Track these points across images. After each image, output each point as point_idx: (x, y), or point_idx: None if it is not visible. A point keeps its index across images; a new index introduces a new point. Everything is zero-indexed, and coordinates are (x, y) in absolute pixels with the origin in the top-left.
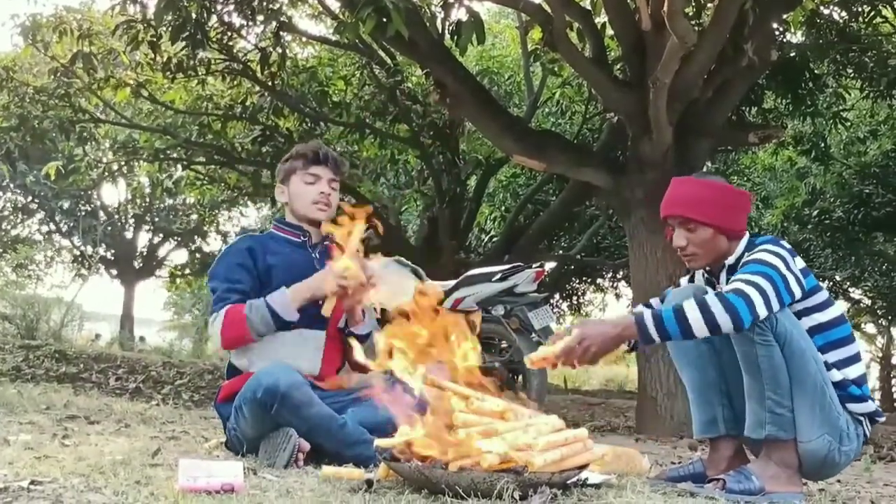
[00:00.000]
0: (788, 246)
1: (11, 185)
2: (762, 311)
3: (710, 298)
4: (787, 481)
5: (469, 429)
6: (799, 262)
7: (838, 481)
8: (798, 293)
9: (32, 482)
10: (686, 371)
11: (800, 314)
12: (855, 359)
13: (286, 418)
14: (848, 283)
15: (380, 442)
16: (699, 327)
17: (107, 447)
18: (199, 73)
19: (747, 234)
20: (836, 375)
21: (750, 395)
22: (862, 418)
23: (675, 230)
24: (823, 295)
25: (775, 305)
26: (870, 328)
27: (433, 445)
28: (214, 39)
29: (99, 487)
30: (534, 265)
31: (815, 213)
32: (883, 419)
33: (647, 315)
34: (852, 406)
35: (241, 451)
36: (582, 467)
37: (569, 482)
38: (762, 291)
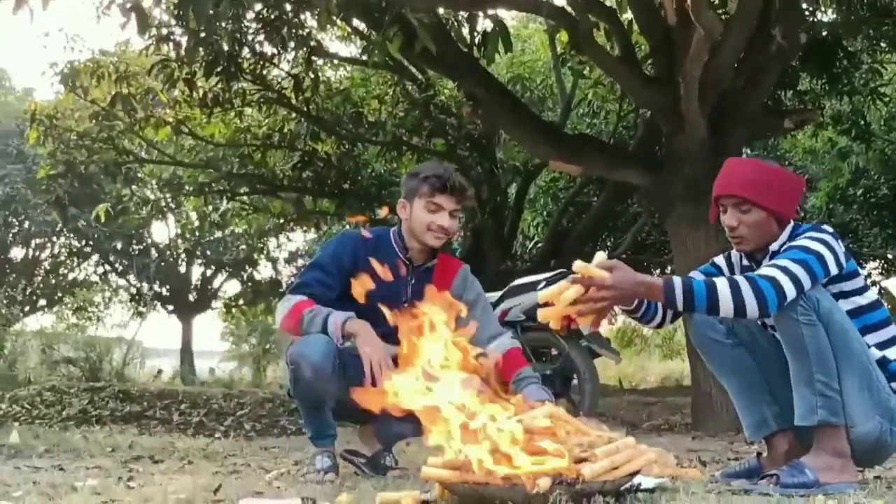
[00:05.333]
0: (831, 230)
1: (65, 231)
2: (792, 297)
3: (742, 281)
4: (842, 470)
5: (518, 447)
6: (841, 247)
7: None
8: (834, 270)
9: None
10: (725, 379)
11: (837, 297)
12: (893, 341)
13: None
14: None
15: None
16: (726, 306)
17: (170, 486)
18: (236, 106)
19: (793, 221)
20: (877, 354)
21: (797, 380)
22: None
23: (727, 210)
24: (861, 280)
25: (807, 287)
26: None
27: (485, 464)
28: (248, 70)
29: None
30: None
31: (860, 192)
32: None
33: (678, 281)
34: None
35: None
36: (633, 474)
37: (622, 489)
38: (794, 279)
